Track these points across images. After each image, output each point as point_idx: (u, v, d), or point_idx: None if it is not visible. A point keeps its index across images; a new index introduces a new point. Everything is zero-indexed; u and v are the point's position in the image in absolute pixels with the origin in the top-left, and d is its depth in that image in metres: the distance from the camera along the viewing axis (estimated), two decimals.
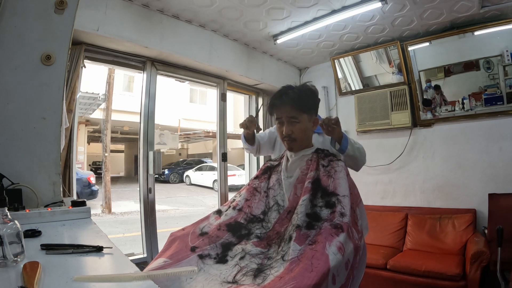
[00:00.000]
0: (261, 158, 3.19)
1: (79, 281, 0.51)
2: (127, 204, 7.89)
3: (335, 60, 3.04)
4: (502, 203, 2.19)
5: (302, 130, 1.20)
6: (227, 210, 1.22)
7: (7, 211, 0.61)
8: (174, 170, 13.30)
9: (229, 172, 2.91)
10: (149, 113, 2.24)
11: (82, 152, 9.34)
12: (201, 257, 1.01)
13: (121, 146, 16.81)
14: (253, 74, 2.87)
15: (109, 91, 7.64)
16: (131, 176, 15.29)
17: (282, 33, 2.53)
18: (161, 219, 5.23)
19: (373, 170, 2.89)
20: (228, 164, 2.90)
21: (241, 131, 1.46)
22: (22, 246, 0.60)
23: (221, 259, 1.01)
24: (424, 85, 2.67)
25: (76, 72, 1.78)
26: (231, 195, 1.59)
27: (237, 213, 1.18)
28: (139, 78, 2.91)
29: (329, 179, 1.11)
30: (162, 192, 9.69)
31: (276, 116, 1.24)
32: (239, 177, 8.47)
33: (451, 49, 2.52)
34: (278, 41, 2.61)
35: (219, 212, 1.24)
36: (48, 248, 0.67)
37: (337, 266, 0.88)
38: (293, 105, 1.18)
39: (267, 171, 1.30)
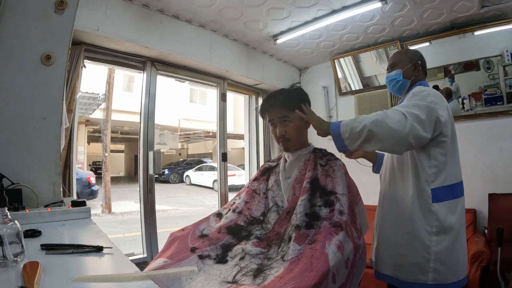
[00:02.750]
0: (261, 158, 3.19)
1: (79, 281, 0.51)
2: (127, 204, 7.89)
3: (335, 60, 3.04)
4: (502, 203, 2.19)
5: (295, 128, 1.20)
6: (227, 213, 1.23)
7: (7, 211, 0.61)
8: (174, 170, 13.32)
9: (229, 172, 2.91)
10: (149, 113, 2.24)
11: (82, 152, 9.34)
12: (201, 257, 1.02)
13: (121, 146, 16.84)
14: (253, 74, 2.87)
15: (109, 91, 7.64)
16: (131, 176, 15.31)
17: (282, 33, 2.53)
18: (161, 219, 5.24)
19: None
20: (228, 164, 2.90)
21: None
22: (22, 246, 0.60)
23: (221, 259, 1.02)
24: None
25: (76, 72, 1.78)
26: (231, 195, 1.59)
27: (237, 216, 1.19)
28: (139, 78, 2.91)
29: (327, 178, 1.12)
30: (162, 192, 9.70)
31: (268, 119, 1.25)
32: (239, 177, 8.47)
33: (451, 49, 2.52)
34: (278, 41, 2.61)
35: (219, 215, 1.24)
36: (48, 248, 0.67)
37: (337, 265, 0.88)
38: (283, 105, 1.19)
39: (265, 173, 1.31)
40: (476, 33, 2.38)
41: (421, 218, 1.09)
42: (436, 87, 2.62)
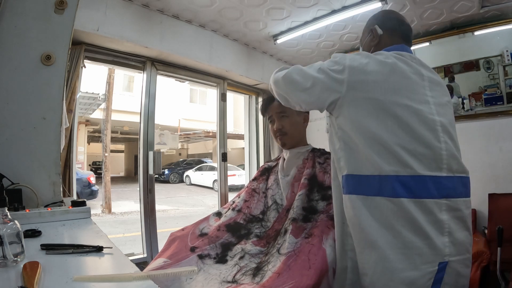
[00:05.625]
0: (261, 158, 3.19)
1: (79, 281, 0.51)
2: (127, 204, 7.89)
3: None
4: (502, 203, 2.19)
5: (291, 123, 1.22)
6: (226, 212, 1.23)
7: (7, 211, 0.61)
8: (174, 170, 13.32)
9: (229, 172, 2.91)
10: (149, 113, 2.23)
11: (82, 152, 9.34)
12: (201, 257, 1.02)
13: (121, 146, 16.84)
14: (253, 74, 2.87)
15: (109, 91, 7.64)
16: (131, 176, 15.31)
17: (282, 33, 2.53)
18: (161, 219, 5.24)
19: None
20: (228, 164, 2.90)
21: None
22: (22, 246, 0.60)
23: (221, 259, 1.02)
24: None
25: (76, 72, 1.78)
26: (231, 195, 1.59)
27: (236, 214, 1.19)
28: (139, 78, 2.91)
29: (325, 174, 1.13)
30: (162, 192, 9.70)
31: (268, 116, 1.26)
32: (239, 177, 8.47)
33: (451, 49, 2.52)
34: (278, 41, 2.61)
35: (218, 214, 1.25)
36: (48, 248, 0.67)
37: (335, 259, 0.88)
38: None
39: (265, 173, 1.31)
40: (476, 33, 2.38)
41: (338, 212, 0.90)
42: None
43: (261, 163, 3.15)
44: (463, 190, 0.83)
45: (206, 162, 12.83)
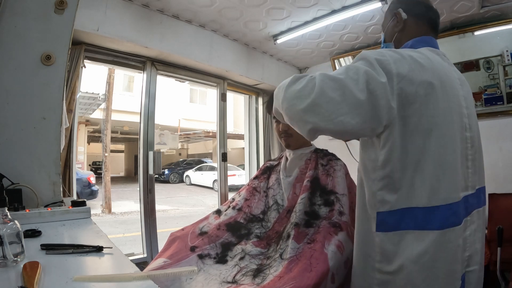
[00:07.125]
0: (261, 158, 3.19)
1: (79, 281, 0.51)
2: (127, 204, 7.89)
3: (335, 60, 3.03)
4: (502, 203, 2.18)
5: None
6: (226, 210, 1.23)
7: (7, 211, 0.61)
8: (174, 170, 13.32)
9: (229, 172, 2.91)
10: (149, 113, 2.24)
11: (82, 152, 9.34)
12: (201, 257, 1.02)
13: (121, 146, 16.85)
14: (253, 74, 2.87)
15: (109, 91, 7.64)
16: (131, 176, 15.32)
17: (282, 33, 2.53)
18: (161, 219, 5.24)
19: None
20: (228, 164, 2.90)
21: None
22: (22, 246, 0.60)
23: (221, 259, 1.02)
24: None
25: (76, 72, 1.78)
26: (231, 195, 1.59)
27: (236, 212, 1.19)
28: (139, 78, 2.90)
29: (328, 177, 1.12)
30: (162, 192, 9.70)
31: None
32: (239, 177, 8.47)
33: (451, 49, 2.52)
34: (278, 41, 2.61)
35: (218, 212, 1.25)
36: (48, 248, 0.67)
37: (336, 265, 0.88)
38: None
39: (266, 171, 1.31)
40: (476, 33, 2.38)
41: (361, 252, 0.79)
42: None
43: (261, 163, 3.15)
44: (483, 198, 0.82)
45: (206, 162, 12.83)
